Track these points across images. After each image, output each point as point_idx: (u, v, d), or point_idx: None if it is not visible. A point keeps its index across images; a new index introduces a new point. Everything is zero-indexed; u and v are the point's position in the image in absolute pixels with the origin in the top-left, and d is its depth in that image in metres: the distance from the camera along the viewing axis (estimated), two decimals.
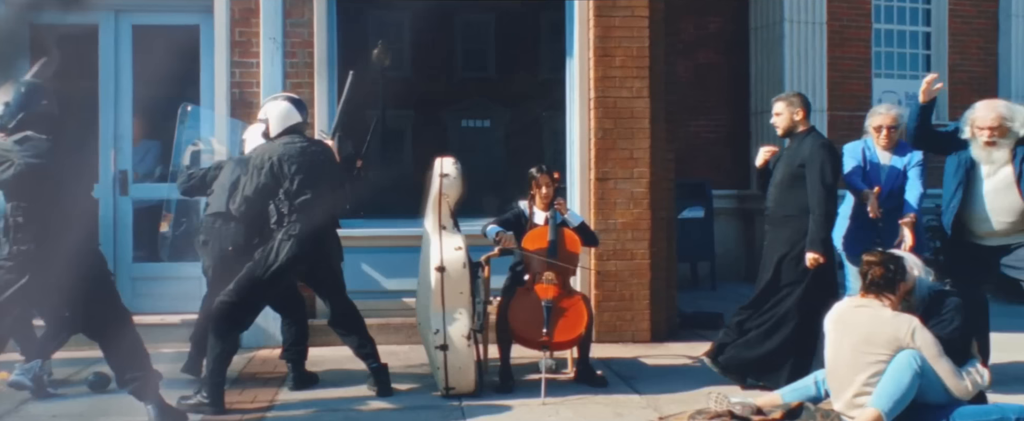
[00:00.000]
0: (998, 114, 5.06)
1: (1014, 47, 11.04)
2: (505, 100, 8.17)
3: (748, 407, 4.53)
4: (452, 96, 8.29)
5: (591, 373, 5.34)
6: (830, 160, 4.99)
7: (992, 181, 5.08)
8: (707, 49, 10.99)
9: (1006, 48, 11.08)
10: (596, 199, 6.72)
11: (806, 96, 5.40)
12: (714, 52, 10.98)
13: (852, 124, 10.93)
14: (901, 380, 3.96)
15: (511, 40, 8.16)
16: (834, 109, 10.46)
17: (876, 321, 4.12)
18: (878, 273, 4.17)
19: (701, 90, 10.79)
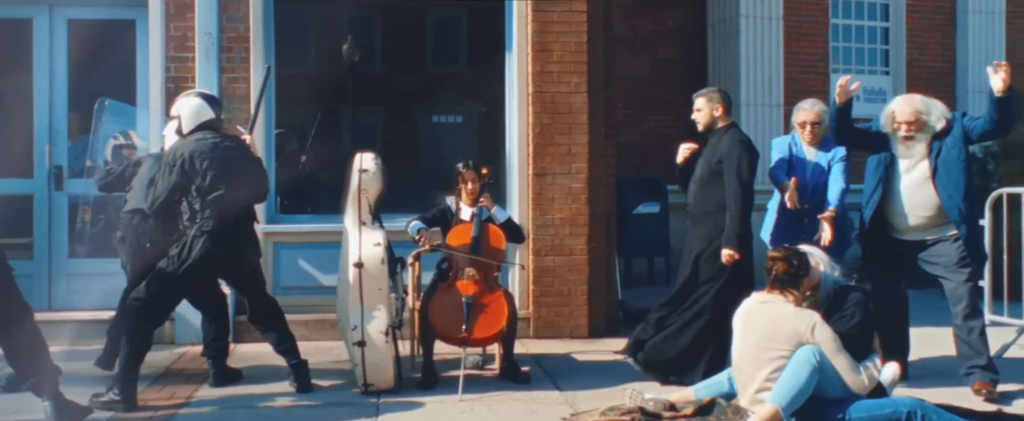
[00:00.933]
0: (914, 109, 5.06)
1: (971, 42, 11.05)
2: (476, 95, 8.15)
3: (660, 403, 4.54)
4: (423, 92, 8.27)
5: (515, 369, 5.33)
6: (747, 156, 4.99)
7: (910, 176, 5.09)
8: (666, 44, 10.98)
9: (963, 43, 11.10)
10: (534, 194, 6.71)
11: (726, 92, 5.39)
12: (673, 47, 10.97)
13: None
14: (799, 375, 3.96)
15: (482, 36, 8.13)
16: (791, 103, 10.36)
17: (778, 317, 4.13)
18: (781, 269, 4.17)
19: (660, 85, 10.78)
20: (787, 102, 10.46)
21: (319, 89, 7.20)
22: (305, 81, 7.32)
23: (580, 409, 4.71)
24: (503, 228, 5.53)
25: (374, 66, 7.56)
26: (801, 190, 5.39)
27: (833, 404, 4.00)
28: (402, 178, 7.28)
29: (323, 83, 7.07)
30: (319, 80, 7.09)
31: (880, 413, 3.94)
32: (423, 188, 6.90)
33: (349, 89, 7.63)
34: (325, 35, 7.10)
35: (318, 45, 7.10)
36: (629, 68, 10.77)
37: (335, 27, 7.10)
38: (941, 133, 5.05)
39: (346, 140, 7.57)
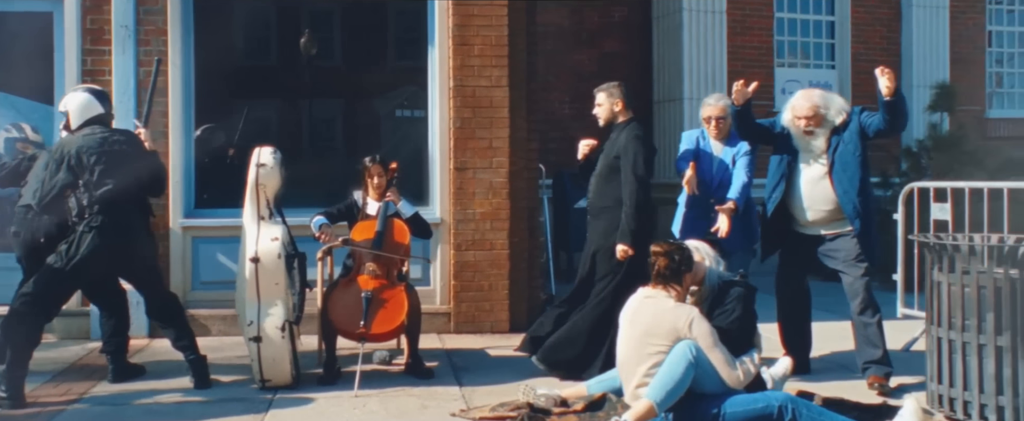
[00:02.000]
0: (813, 104, 5.07)
1: (916, 36, 11.08)
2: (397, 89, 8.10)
3: (551, 399, 4.53)
4: (385, 85, 8.18)
5: (420, 364, 5.31)
6: (643, 152, 4.98)
7: (810, 170, 5.10)
8: (612, 38, 10.98)
9: (908, 37, 11.13)
10: (454, 189, 6.68)
11: (627, 87, 5.37)
12: (619, 41, 10.97)
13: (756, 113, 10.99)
14: (675, 370, 3.96)
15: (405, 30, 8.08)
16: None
17: (658, 312, 4.12)
18: (662, 264, 4.17)
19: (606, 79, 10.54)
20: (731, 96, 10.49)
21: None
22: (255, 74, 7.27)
23: (474, 405, 4.69)
24: (410, 223, 5.50)
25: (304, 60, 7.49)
26: (707, 184, 5.40)
27: (709, 399, 4.00)
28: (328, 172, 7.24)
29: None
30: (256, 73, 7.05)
31: (753, 408, 3.94)
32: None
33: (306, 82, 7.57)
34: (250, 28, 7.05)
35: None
36: (575, 62, 10.78)
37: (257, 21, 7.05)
38: (841, 128, 5.07)
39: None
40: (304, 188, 6.92)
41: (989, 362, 4.15)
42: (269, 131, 7.15)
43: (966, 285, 4.23)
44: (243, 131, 7.22)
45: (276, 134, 7.17)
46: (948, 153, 8.74)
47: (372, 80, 7.09)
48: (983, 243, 4.27)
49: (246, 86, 6.93)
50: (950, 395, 4.30)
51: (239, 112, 7.02)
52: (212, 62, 6.81)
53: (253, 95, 7.08)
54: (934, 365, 4.38)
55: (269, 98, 7.12)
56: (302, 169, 7.18)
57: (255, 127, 6.71)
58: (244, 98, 7.18)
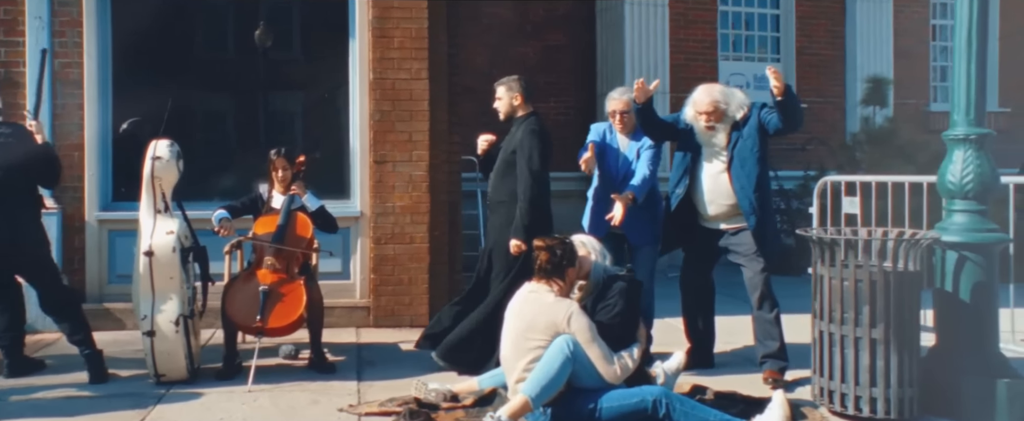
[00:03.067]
0: (713, 99, 5.07)
1: (859, 30, 11.14)
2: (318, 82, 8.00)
3: (441, 393, 4.53)
4: (307, 78, 8.11)
5: (322, 359, 5.29)
6: (539, 146, 4.97)
7: (711, 165, 5.11)
8: (556, 30, 10.97)
9: (852, 30, 11.18)
10: (374, 182, 6.66)
11: (528, 80, 5.36)
12: (563, 33, 10.96)
13: None
14: (551, 365, 3.96)
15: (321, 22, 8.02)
16: (678, 91, 10.42)
17: (539, 307, 4.12)
18: (544, 258, 4.16)
19: (550, 72, 10.76)
20: (674, 90, 10.47)
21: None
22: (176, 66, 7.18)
23: (366, 400, 4.68)
24: (315, 217, 5.47)
25: (227, 52, 7.42)
26: (613, 178, 5.38)
27: (586, 394, 4.00)
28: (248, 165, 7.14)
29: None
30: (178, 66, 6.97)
31: (629, 402, 3.94)
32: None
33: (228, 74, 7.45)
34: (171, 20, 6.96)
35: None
36: (519, 54, 10.75)
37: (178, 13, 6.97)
38: (741, 124, 5.07)
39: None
40: (223, 181, 6.90)
41: (864, 354, 4.18)
42: (192, 124, 7.06)
43: (845, 279, 4.25)
44: (167, 124, 7.14)
45: (199, 127, 7.09)
46: (881, 147, 8.80)
47: (295, 72, 7.04)
48: (859, 237, 4.29)
49: (167, 79, 6.84)
50: (830, 388, 4.33)
51: (162, 105, 6.94)
52: (132, 54, 6.75)
53: (175, 88, 6.99)
54: (817, 358, 4.40)
55: (191, 91, 7.04)
56: (223, 162, 7.15)
57: (177, 120, 6.64)
58: (165, 91, 7.09)
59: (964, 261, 4.34)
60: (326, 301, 6.60)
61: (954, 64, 4.44)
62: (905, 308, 4.19)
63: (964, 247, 4.34)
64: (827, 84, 11.28)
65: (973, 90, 4.38)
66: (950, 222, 4.43)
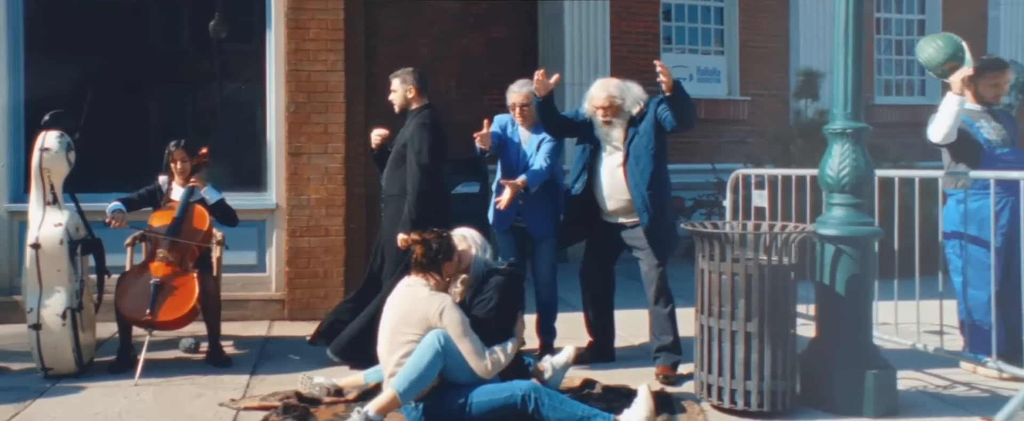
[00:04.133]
0: (609, 93, 5.05)
1: (803, 22, 11.18)
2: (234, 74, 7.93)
3: (325, 388, 4.52)
4: (225, 69, 8.04)
5: (218, 353, 5.27)
6: (428, 140, 4.94)
7: (610, 160, 5.09)
8: (500, 23, 10.92)
9: (795, 23, 11.22)
10: (289, 174, 6.62)
11: (423, 73, 5.33)
12: (507, 26, 10.92)
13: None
14: (421, 360, 3.95)
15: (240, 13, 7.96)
16: None
17: (413, 301, 4.11)
18: (419, 252, 4.15)
19: (494, 65, 10.70)
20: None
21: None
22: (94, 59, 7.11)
23: (252, 394, 4.66)
24: (214, 210, 5.44)
25: (148, 43, 7.35)
26: (513, 170, 5.36)
27: (458, 389, 3.99)
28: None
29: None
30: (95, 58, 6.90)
31: (498, 397, 3.94)
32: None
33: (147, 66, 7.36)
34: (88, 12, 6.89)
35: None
36: (462, 47, 10.72)
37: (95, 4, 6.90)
38: (638, 119, 5.05)
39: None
40: (136, 172, 6.83)
41: (740, 348, 4.20)
42: (110, 115, 6.97)
43: (722, 272, 4.26)
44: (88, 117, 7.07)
45: (116, 118, 7.01)
46: (812, 140, 8.81)
47: (212, 64, 6.99)
48: (733, 230, 4.30)
49: (83, 71, 6.79)
50: (709, 381, 4.34)
51: (76, 97, 6.88)
52: (44, 46, 6.68)
53: (92, 81, 6.93)
54: (699, 352, 4.42)
55: (108, 83, 6.97)
56: (139, 153, 7.07)
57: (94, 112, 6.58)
58: (81, 84, 7.03)
59: (840, 254, 4.36)
60: (241, 294, 6.65)
61: (833, 59, 4.45)
62: (779, 301, 4.21)
63: (840, 240, 4.36)
64: (771, 77, 11.30)
65: (850, 85, 4.39)
66: (829, 215, 4.45)
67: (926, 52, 5.03)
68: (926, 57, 5.04)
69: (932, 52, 4.99)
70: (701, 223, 4.48)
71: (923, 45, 5.09)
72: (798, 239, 4.33)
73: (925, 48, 5.05)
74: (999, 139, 5.04)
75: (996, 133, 5.05)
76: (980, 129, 5.05)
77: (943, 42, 4.97)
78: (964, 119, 5.03)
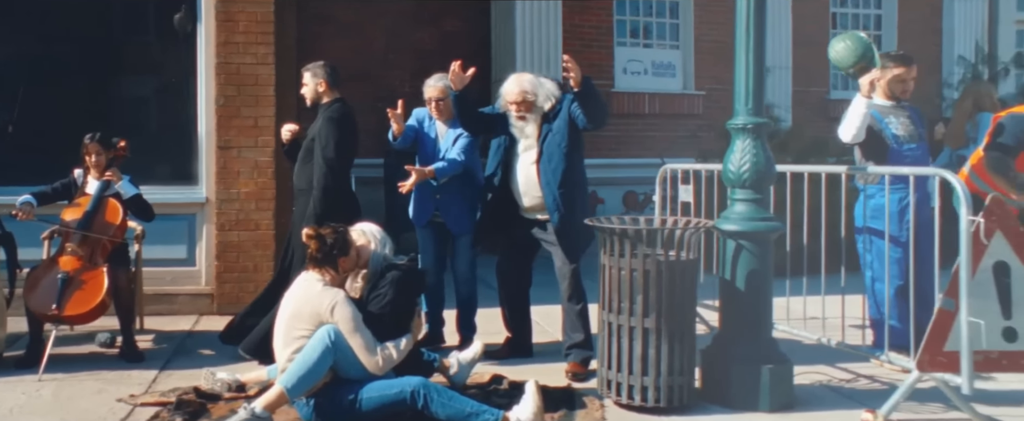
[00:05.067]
0: (522, 89, 5.02)
1: None
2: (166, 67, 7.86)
3: (227, 383, 4.50)
4: (156, 62, 7.96)
5: (131, 348, 5.23)
6: (335, 134, 4.91)
7: (525, 157, 5.06)
8: (453, 17, 10.89)
9: None
10: (218, 168, 6.58)
11: (334, 66, 5.29)
12: (459, 19, 10.89)
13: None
14: (310, 356, 3.93)
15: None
16: None
17: (306, 296, 4.09)
18: (313, 247, 4.13)
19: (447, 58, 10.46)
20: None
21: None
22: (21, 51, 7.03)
23: (155, 390, 4.63)
24: (130, 204, 5.39)
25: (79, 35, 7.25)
26: (429, 164, 5.35)
27: (349, 385, 3.98)
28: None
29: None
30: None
31: (388, 393, 3.92)
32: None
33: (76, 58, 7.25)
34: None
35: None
36: (415, 40, 10.68)
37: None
38: (552, 117, 5.01)
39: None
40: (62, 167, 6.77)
41: (638, 343, 4.19)
42: (39, 110, 6.91)
43: (622, 268, 4.26)
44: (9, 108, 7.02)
45: (47, 113, 6.94)
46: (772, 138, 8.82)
47: (146, 56, 6.93)
48: (629, 225, 4.30)
49: (10, 63, 6.74)
50: (609, 377, 4.34)
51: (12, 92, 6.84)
52: None
53: (22, 73, 6.89)
54: (602, 348, 4.41)
55: (36, 76, 6.90)
56: (63, 148, 7.00)
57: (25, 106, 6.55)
58: (10, 76, 6.97)
59: (740, 250, 4.35)
60: (170, 288, 6.62)
61: (735, 55, 4.45)
62: (678, 297, 4.20)
63: (740, 236, 4.36)
64: (726, 71, 11.21)
65: (751, 80, 4.40)
66: (731, 211, 4.45)
67: (836, 52, 5.03)
68: (836, 58, 5.04)
69: (842, 53, 4.98)
70: (603, 218, 4.47)
71: (834, 44, 5.08)
72: (698, 235, 4.33)
73: (835, 48, 5.05)
74: (907, 135, 5.06)
75: (904, 129, 5.06)
76: (889, 125, 5.07)
77: (852, 42, 4.96)
78: (875, 115, 5.05)
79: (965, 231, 3.85)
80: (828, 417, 4.20)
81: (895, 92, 5.14)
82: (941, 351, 3.90)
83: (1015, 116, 4.92)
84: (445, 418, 3.87)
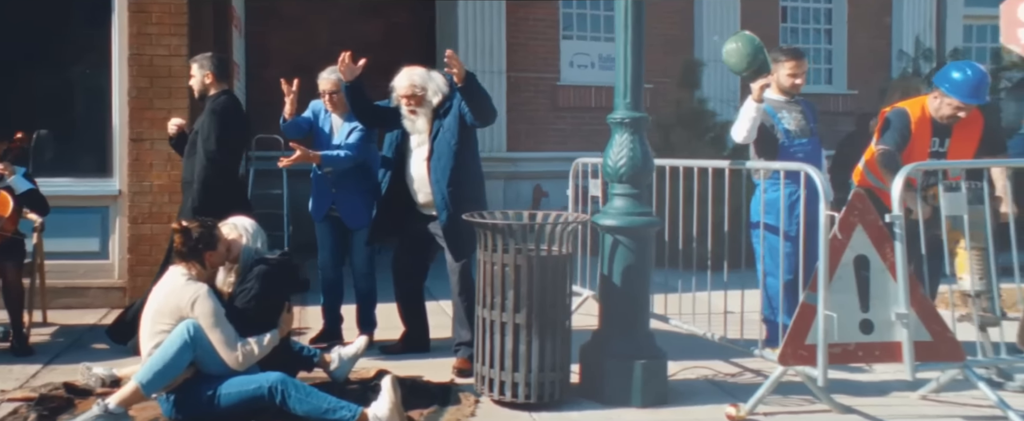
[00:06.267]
0: (411, 83, 4.97)
1: (706, 11, 11.12)
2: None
3: (102, 377, 4.46)
4: (69, 53, 7.87)
5: (21, 342, 5.19)
6: (217, 127, 4.86)
7: (418, 152, 5.01)
8: (400, 8, 10.86)
9: (699, 12, 11.15)
10: (131, 160, 6.52)
11: (223, 57, 5.23)
12: (405, 11, 10.86)
13: (538, 86, 10.96)
14: (168, 351, 3.89)
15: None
16: (518, 71, 10.39)
17: (169, 290, 4.04)
18: (178, 241, 4.09)
19: (393, 50, 10.51)
20: (513, 69, 10.40)
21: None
22: None
23: (38, 384, 4.58)
24: (24, 199, 5.33)
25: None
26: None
27: (209, 380, 3.93)
28: None
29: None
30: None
31: (247, 389, 3.89)
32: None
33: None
34: None
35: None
36: (362, 32, 10.61)
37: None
38: (444, 114, 4.95)
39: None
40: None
41: (509, 339, 4.16)
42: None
43: (494, 263, 4.22)
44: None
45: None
46: (691, 129, 8.81)
47: (59, 47, 6.85)
48: (507, 220, 4.26)
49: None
50: (483, 373, 4.31)
51: None
52: None
53: None
54: (478, 345, 4.37)
55: None
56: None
57: None
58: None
59: (617, 245, 4.33)
60: (82, 282, 6.57)
61: (616, 50, 4.41)
62: (549, 292, 4.17)
63: (618, 231, 4.33)
64: (673, 65, 11.21)
65: (629, 75, 4.37)
66: (610, 206, 4.42)
67: (727, 54, 4.98)
68: (728, 61, 5.00)
69: (733, 57, 4.93)
70: (479, 214, 4.43)
71: (725, 45, 5.03)
72: (572, 230, 4.30)
73: (726, 49, 5.00)
74: (798, 130, 5.04)
75: (796, 124, 5.05)
76: (781, 120, 5.05)
77: (742, 45, 4.89)
78: (768, 110, 5.04)
79: (823, 226, 3.83)
80: (697, 411, 4.18)
81: (785, 86, 5.11)
82: (803, 344, 3.89)
83: (898, 111, 4.91)
84: (303, 414, 3.84)
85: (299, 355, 4.48)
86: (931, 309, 3.95)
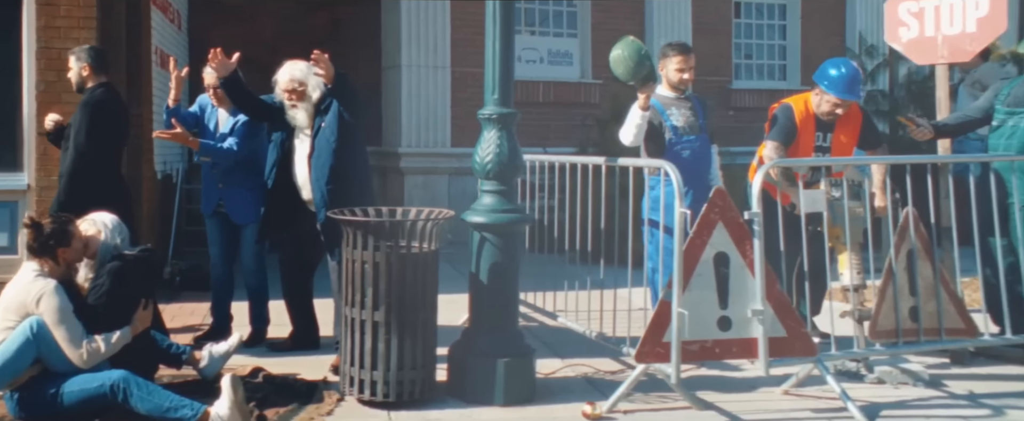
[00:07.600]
0: (292, 76, 4.89)
1: (657, 5, 11.04)
2: None
3: None
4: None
5: None
6: (87, 121, 4.80)
7: (302, 148, 4.93)
8: (345, 4, 10.79)
9: (651, 5, 11.08)
10: (39, 154, 6.45)
11: (100, 50, 5.15)
12: (351, 6, 10.79)
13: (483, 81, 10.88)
14: (9, 348, 3.82)
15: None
16: (463, 65, 10.29)
17: (17, 286, 3.98)
18: (29, 237, 4.02)
19: (339, 45, 10.48)
20: (457, 64, 10.32)
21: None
22: None
23: None
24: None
25: None
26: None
27: (53, 378, 3.87)
28: None
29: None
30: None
31: (90, 387, 3.82)
32: None
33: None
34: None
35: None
36: (307, 27, 10.55)
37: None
38: (325, 111, 4.87)
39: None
40: None
41: (368, 337, 4.09)
42: None
43: (354, 260, 4.15)
44: None
45: None
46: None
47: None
48: (371, 217, 4.19)
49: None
50: (346, 371, 4.24)
51: None
52: None
53: None
54: (342, 343, 4.29)
55: None
56: None
57: None
58: None
59: (485, 242, 4.26)
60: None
61: (486, 46, 4.33)
62: (411, 289, 4.10)
63: (485, 228, 4.26)
64: None
65: (498, 70, 4.29)
66: (479, 202, 4.35)
67: (613, 62, 4.88)
68: (614, 69, 4.90)
69: (618, 65, 4.83)
70: (351, 211, 4.35)
71: (611, 57, 4.90)
72: (436, 226, 4.23)
73: (612, 56, 4.90)
74: (686, 126, 4.98)
75: (684, 120, 4.98)
76: (670, 116, 4.98)
77: (627, 52, 4.78)
78: (657, 107, 4.98)
79: (677, 222, 3.76)
80: (559, 410, 4.12)
81: (672, 81, 5.04)
82: (660, 342, 3.82)
83: (784, 106, 4.85)
84: (146, 412, 3.78)
85: (166, 352, 4.42)
86: (787, 305, 3.89)
